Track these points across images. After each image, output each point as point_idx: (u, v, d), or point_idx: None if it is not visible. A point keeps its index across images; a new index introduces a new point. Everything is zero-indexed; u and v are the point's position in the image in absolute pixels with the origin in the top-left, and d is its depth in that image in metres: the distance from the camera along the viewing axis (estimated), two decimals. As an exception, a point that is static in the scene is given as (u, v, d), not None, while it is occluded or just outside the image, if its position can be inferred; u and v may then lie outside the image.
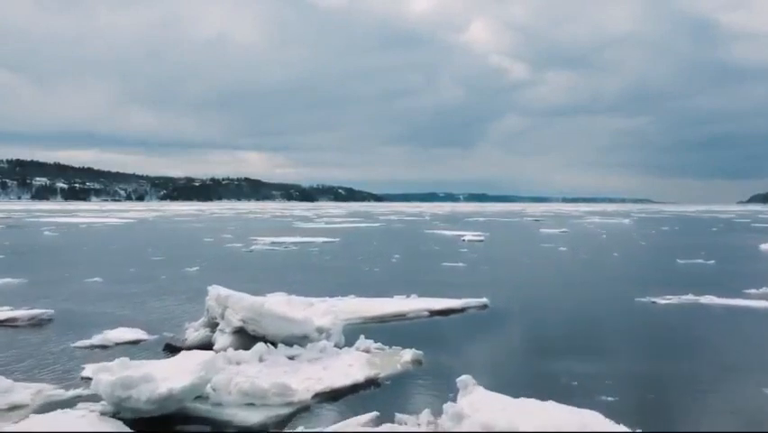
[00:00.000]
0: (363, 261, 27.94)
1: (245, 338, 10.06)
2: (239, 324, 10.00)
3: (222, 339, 10.26)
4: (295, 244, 38.25)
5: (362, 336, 10.93)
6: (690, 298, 17.04)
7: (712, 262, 27.53)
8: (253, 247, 34.84)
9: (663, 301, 16.68)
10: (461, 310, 15.22)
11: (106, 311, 15.12)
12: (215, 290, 10.87)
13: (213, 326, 10.93)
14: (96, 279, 20.98)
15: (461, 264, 26.29)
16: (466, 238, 42.83)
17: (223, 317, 10.39)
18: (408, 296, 16.09)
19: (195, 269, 24.24)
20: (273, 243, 38.43)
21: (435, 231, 54.93)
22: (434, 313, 14.64)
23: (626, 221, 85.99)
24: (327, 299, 15.30)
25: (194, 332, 11.19)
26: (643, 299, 16.98)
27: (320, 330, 10.38)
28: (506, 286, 20.31)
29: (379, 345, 10.84)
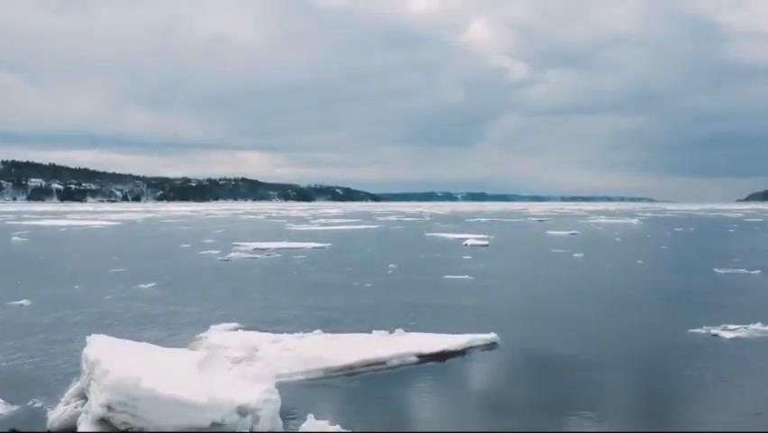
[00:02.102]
0: (352, 273, 24.13)
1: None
2: (101, 412, 6.17)
3: (85, 426, 6.47)
4: (280, 250, 34.41)
5: (312, 416, 7.10)
6: (759, 328, 13.10)
7: (757, 272, 23.61)
8: (231, 255, 31.01)
9: (728, 334, 12.79)
10: (462, 353, 11.32)
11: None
12: (91, 346, 7.08)
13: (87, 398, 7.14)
14: (23, 301, 17.15)
15: (465, 277, 22.43)
16: (469, 243, 39.00)
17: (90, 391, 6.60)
18: (392, 331, 12.12)
19: (151, 285, 20.44)
20: (256, 249, 34.59)
21: (436, 234, 51.05)
22: (424, 358, 10.73)
23: (634, 221, 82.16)
24: (285, 336, 11.48)
25: (63, 406, 7.39)
26: (699, 330, 13.13)
27: (242, 411, 6.55)
28: (517, 311, 16.39)
29: (336, 428, 7.04)
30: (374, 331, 12.19)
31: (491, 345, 11.95)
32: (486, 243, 39.34)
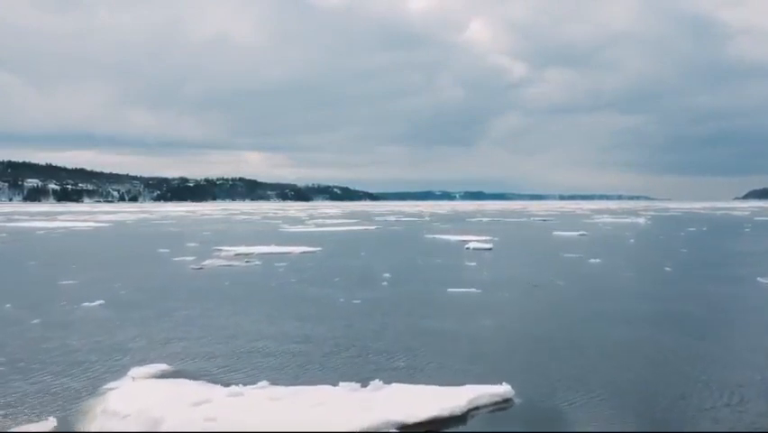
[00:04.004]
0: (340, 285, 20.84)
1: None
2: None
3: None
4: (263, 256, 31.11)
5: None
6: None
7: (809, 282, 20.39)
8: (206, 263, 27.68)
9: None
10: (462, 419, 7.96)
11: None
12: None
13: None
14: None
15: (470, 290, 19.08)
16: (471, 246, 35.69)
17: None
18: (366, 384, 8.74)
19: (97, 303, 17.15)
20: (237, 255, 31.33)
21: (436, 235, 47.76)
22: (407, 431, 7.39)
23: (641, 220, 79.00)
24: (216, 390, 8.15)
25: None
26: (785, 374, 9.86)
27: None
28: (537, 342, 12.86)
29: None
30: (342, 383, 8.78)
31: (504, 404, 8.58)
32: (490, 246, 36.06)
